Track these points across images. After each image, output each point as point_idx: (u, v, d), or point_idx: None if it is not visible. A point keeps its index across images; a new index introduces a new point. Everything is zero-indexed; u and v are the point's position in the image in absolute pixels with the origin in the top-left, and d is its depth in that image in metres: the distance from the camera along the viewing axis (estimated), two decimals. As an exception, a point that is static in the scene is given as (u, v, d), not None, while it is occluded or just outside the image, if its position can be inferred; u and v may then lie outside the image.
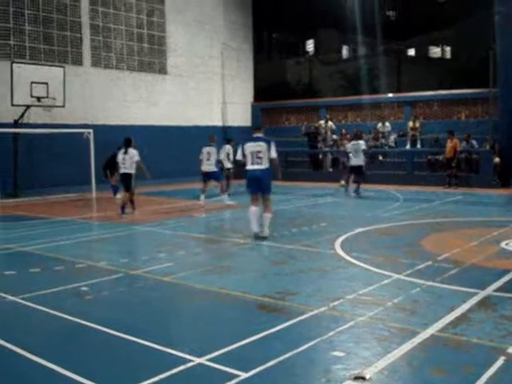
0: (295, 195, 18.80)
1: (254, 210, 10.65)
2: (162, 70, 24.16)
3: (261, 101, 28.69)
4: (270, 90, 28.03)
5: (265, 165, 10.44)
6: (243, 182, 11.37)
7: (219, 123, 26.70)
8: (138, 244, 10.66)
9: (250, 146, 10.54)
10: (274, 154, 10.44)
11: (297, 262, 8.76)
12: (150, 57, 23.65)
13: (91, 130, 18.90)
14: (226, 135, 26.35)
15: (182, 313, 6.52)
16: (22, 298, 6.76)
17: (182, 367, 4.64)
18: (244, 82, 28.39)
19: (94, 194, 18.51)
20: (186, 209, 15.49)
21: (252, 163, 10.50)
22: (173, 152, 22.70)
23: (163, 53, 24.15)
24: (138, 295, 7.10)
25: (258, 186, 10.57)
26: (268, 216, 10.67)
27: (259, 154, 10.42)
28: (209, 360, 4.78)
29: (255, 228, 10.65)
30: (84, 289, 7.21)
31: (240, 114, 28.02)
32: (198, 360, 4.78)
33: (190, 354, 4.89)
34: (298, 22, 27.83)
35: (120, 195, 17.39)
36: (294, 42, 30.93)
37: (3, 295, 6.94)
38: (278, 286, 7.23)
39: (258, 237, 10.53)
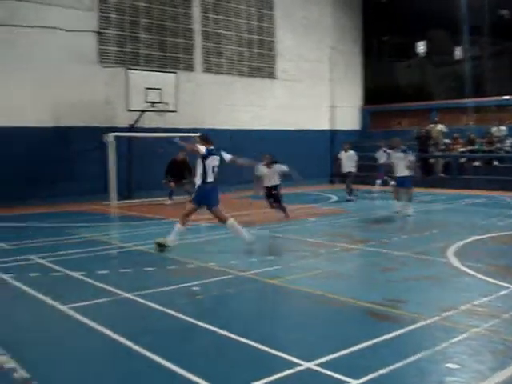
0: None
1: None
2: (271, 75, 24.37)
3: (370, 104, 28.30)
4: (379, 93, 27.58)
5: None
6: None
7: (327, 127, 26.59)
8: (248, 246, 10.76)
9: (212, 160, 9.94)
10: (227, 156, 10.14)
11: (407, 269, 8.54)
12: (260, 62, 23.93)
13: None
14: (334, 139, 26.31)
15: (290, 316, 6.52)
16: (137, 295, 7.01)
17: (290, 371, 4.64)
18: (352, 85, 28.12)
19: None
20: (294, 212, 15.49)
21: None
22: (281, 156, 22.72)
23: (272, 58, 24.37)
24: (246, 297, 7.19)
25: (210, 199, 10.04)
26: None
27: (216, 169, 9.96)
28: (317, 365, 4.74)
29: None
30: (195, 288, 7.38)
31: (348, 118, 27.77)
32: (306, 364, 4.75)
33: (298, 358, 4.87)
34: (408, 24, 27.17)
35: (170, 201, 17.78)
36: (404, 43, 30.24)
37: (119, 292, 7.23)
38: (387, 293, 7.08)
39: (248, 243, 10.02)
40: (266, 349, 5.15)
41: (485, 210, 15.73)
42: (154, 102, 18.51)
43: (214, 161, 9.91)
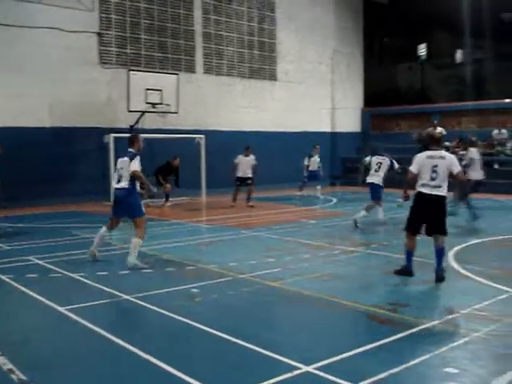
0: (406, 203, 18.28)
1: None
2: (272, 77, 24.35)
3: (371, 106, 28.28)
4: (380, 96, 27.55)
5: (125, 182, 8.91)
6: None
7: (328, 129, 26.57)
8: (247, 248, 10.74)
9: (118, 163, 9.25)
10: (134, 166, 8.83)
11: (407, 272, 8.50)
12: (261, 63, 23.92)
13: (203, 136, 19.40)
14: (335, 141, 26.30)
15: (290, 319, 6.50)
16: (136, 298, 6.99)
17: (289, 374, 4.62)
18: (354, 87, 28.10)
19: (204, 198, 18.94)
20: (296, 214, 15.49)
21: (116, 181, 9.11)
22: (282, 157, 22.79)
23: (273, 59, 24.35)
24: (246, 299, 7.16)
25: (120, 207, 9.11)
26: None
27: (121, 171, 9.02)
28: (317, 369, 4.72)
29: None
30: (194, 290, 7.36)
31: (349, 120, 27.75)
32: (305, 368, 4.73)
33: (297, 362, 4.85)
34: (410, 26, 27.16)
35: (169, 203, 17.81)
36: (405, 46, 30.22)
37: (118, 294, 7.21)
38: (388, 296, 7.08)
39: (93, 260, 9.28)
40: (266, 352, 5.12)
41: (485, 213, 15.68)
42: (154, 103, 18.49)
43: None
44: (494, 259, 9.44)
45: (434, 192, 7.81)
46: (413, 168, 8.07)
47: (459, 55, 29.50)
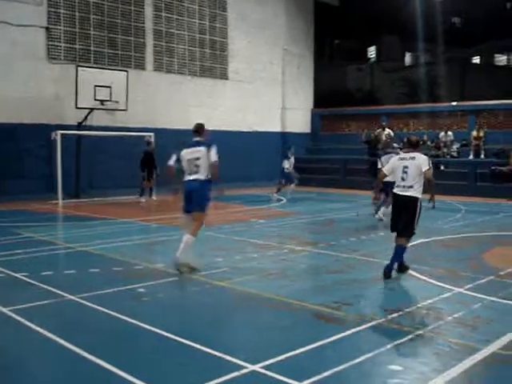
0: (354, 203, 18.59)
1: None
2: (223, 76, 24.33)
3: (321, 107, 28.54)
4: (330, 97, 27.85)
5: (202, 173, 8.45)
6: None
7: (278, 129, 26.69)
8: (196, 247, 10.68)
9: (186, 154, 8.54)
10: (215, 156, 8.54)
11: (354, 271, 8.63)
12: (212, 62, 23.86)
13: (152, 134, 19.22)
14: (286, 141, 26.44)
15: (237, 318, 6.49)
16: (81, 298, 6.87)
17: (235, 373, 4.61)
18: (304, 87, 28.31)
19: (154, 197, 18.77)
20: (245, 214, 15.51)
21: (189, 173, 8.48)
22: (233, 157, 22.70)
23: (224, 58, 24.33)
24: (193, 299, 7.13)
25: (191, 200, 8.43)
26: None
27: (197, 162, 8.45)
28: (263, 367, 4.73)
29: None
30: (141, 290, 7.28)
31: (299, 120, 27.95)
32: (251, 367, 4.73)
33: (243, 361, 4.85)
34: (360, 29, 27.59)
35: (144, 199, 17.83)
36: (355, 48, 30.67)
37: (62, 294, 7.07)
38: (334, 295, 7.13)
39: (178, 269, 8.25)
40: (212, 351, 5.10)
41: (431, 214, 15.99)
42: (103, 100, 18.25)
43: None
44: (438, 259, 9.64)
45: (405, 193, 8.01)
46: (385, 169, 8.50)
47: (408, 58, 30.08)
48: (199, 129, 8.92)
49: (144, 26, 21.54)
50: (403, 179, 8.02)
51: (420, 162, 8.02)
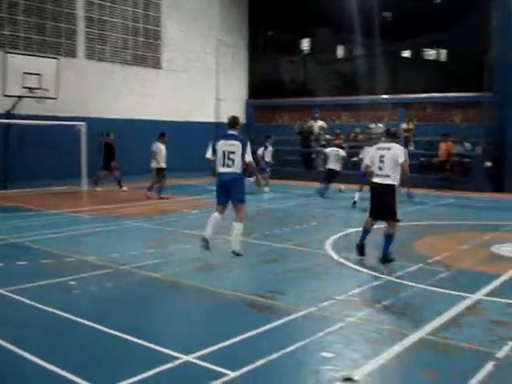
0: (287, 194, 18.77)
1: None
2: (157, 65, 24.01)
3: (255, 98, 28.60)
4: (264, 88, 27.92)
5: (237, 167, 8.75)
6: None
7: (212, 119, 26.58)
8: (128, 239, 10.58)
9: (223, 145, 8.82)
10: (249, 156, 8.86)
11: (287, 261, 8.72)
12: (145, 51, 23.51)
13: (83, 123, 18.79)
14: (219, 131, 26.38)
15: (171, 310, 6.47)
16: (9, 291, 6.68)
17: (169, 365, 4.60)
18: (238, 78, 28.29)
19: (85, 187, 18.41)
20: (178, 204, 15.41)
21: (223, 165, 8.79)
22: (167, 147, 22.48)
23: (158, 47, 24.01)
24: (126, 291, 7.04)
25: (228, 192, 8.84)
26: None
27: (232, 156, 8.72)
28: (196, 358, 4.73)
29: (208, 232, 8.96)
30: (72, 283, 7.14)
31: (234, 111, 27.81)
32: (185, 358, 4.73)
33: (177, 352, 4.83)
34: (294, 21, 27.71)
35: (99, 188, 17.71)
36: (289, 40, 30.82)
37: (-10, 287, 6.86)
38: (268, 284, 7.19)
39: (206, 241, 8.90)
40: (145, 343, 5.07)
41: (360, 204, 16.34)
42: (32, 88, 17.73)
43: None
44: (369, 247, 9.83)
45: (383, 181, 8.47)
46: (366, 160, 9.18)
47: (341, 51, 30.50)
48: (234, 122, 9.09)
49: (75, 12, 20.98)
50: (380, 168, 8.46)
51: (396, 153, 8.42)
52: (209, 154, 8.94)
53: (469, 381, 4.39)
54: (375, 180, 8.57)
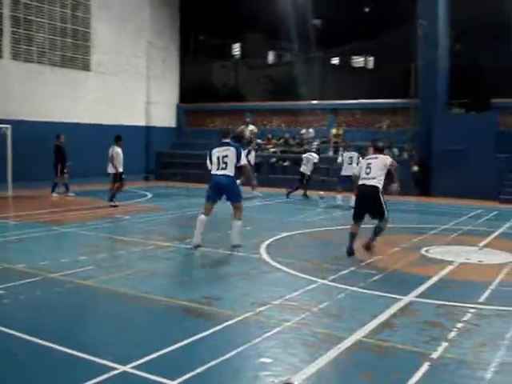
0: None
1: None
2: (86, 67, 23.54)
3: (186, 102, 28.46)
4: (195, 92, 27.82)
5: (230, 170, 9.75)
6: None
7: (143, 123, 26.27)
8: (59, 246, 10.28)
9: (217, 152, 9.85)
10: (245, 160, 10.18)
11: (222, 266, 8.69)
12: (74, 52, 22.99)
13: (9, 126, 18.16)
14: (150, 135, 26.09)
15: (104, 318, 6.30)
16: None
17: (105, 376, 4.46)
18: (169, 82, 28.08)
19: (10, 193, 17.80)
20: (109, 210, 15.10)
21: (218, 168, 9.76)
22: (97, 150, 21.95)
23: (87, 49, 23.53)
24: (57, 300, 6.81)
25: (222, 192, 9.89)
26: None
27: (226, 159, 9.71)
28: (134, 368, 4.61)
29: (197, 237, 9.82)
30: (0, 292, 6.85)
31: (164, 115, 27.69)
32: (122, 368, 4.60)
33: (113, 362, 4.70)
34: (226, 25, 27.75)
35: (56, 194, 17.17)
36: (221, 44, 30.86)
37: None
38: (203, 290, 7.12)
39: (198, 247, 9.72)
40: (80, 354, 4.90)
41: (294, 208, 16.52)
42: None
43: None
44: (302, 251, 9.94)
45: (369, 182, 9.22)
46: (356, 170, 10.02)
47: (271, 57, 30.75)
48: (226, 133, 10.40)
49: (1, 11, 20.31)
50: (367, 173, 9.27)
51: (382, 161, 9.36)
52: (208, 164, 9.94)
53: (406, 382, 4.47)
54: (361, 182, 9.34)
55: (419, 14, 20.89)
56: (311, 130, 24.87)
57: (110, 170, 15.78)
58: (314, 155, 19.12)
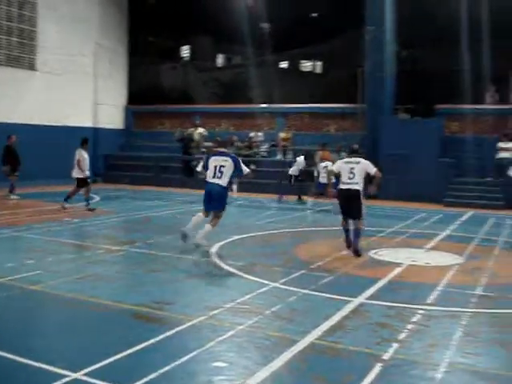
0: (169, 201, 18.61)
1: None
2: (32, 67, 23.01)
3: (135, 104, 28.17)
4: (144, 94, 27.54)
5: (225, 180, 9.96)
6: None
7: (90, 124, 25.84)
8: (4, 249, 10.00)
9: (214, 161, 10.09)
10: (246, 169, 10.35)
11: (173, 269, 8.61)
12: (19, 51, 22.45)
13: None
14: (97, 137, 25.67)
15: (54, 324, 6.16)
16: None
17: None
18: (117, 83, 27.74)
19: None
20: (56, 213, 14.79)
21: (213, 177, 9.97)
22: (40, 152, 21.52)
23: (33, 48, 23.00)
24: (3, 306, 6.62)
25: (214, 201, 10.03)
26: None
27: (222, 169, 9.92)
28: (85, 375, 4.51)
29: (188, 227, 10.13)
30: None
31: (112, 116, 27.33)
32: (73, 375, 4.49)
33: (64, 369, 4.58)
34: (175, 27, 27.56)
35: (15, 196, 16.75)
36: (169, 46, 30.59)
37: None
38: (154, 294, 7.04)
39: (185, 237, 10.05)
40: (27, 361, 4.76)
41: (245, 211, 16.55)
42: None
43: None
44: (254, 254, 9.95)
45: (352, 187, 9.84)
46: (334, 169, 10.49)
47: (220, 60, 30.71)
48: (223, 142, 11.49)
49: None
50: (350, 178, 9.87)
51: (365, 166, 9.95)
52: (200, 168, 10.39)
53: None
54: (345, 187, 9.90)
55: (367, 19, 21.23)
56: (260, 134, 24.96)
57: (76, 174, 15.20)
58: (299, 160, 19.34)
